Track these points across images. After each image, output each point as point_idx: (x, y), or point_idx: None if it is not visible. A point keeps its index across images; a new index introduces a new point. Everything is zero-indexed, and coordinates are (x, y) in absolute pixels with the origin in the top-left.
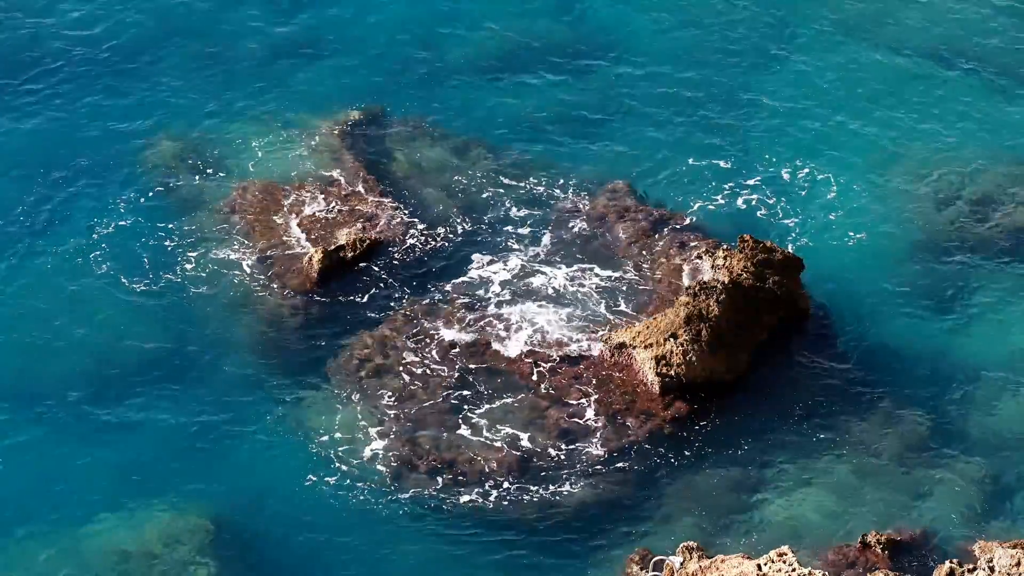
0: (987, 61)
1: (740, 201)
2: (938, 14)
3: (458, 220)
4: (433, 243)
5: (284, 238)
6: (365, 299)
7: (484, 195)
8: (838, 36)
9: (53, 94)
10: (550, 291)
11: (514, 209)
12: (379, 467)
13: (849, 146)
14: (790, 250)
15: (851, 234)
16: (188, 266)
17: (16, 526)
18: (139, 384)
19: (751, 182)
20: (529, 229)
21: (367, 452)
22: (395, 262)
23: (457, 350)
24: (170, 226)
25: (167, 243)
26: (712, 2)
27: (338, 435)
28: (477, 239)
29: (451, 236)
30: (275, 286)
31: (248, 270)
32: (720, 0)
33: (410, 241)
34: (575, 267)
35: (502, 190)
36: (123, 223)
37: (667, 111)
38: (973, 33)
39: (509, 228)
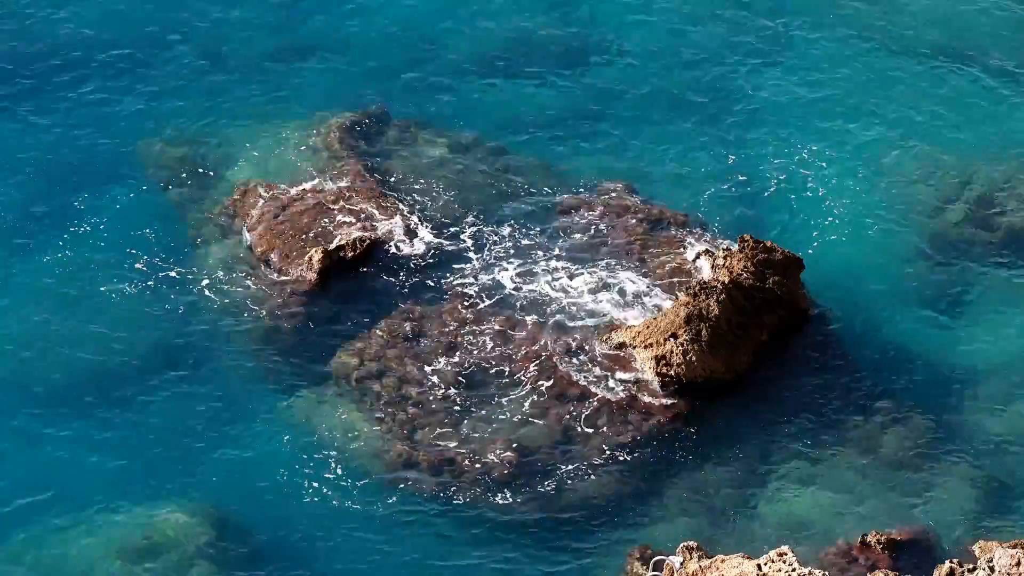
0: (989, 61)
1: (740, 201)
2: (941, 14)
3: (458, 220)
4: (433, 243)
5: (283, 238)
6: (365, 299)
7: (484, 195)
8: (840, 36)
9: (50, 94)
10: (548, 290)
11: (514, 209)
12: (378, 466)
13: (850, 146)
14: (790, 250)
15: (852, 233)
16: (186, 267)
17: (14, 526)
18: (137, 384)
19: (751, 182)
20: (529, 229)
21: (366, 451)
22: (395, 262)
23: (456, 350)
24: (168, 227)
25: (165, 244)
26: (713, 1)
27: (337, 434)
28: (477, 239)
29: (451, 236)
30: (274, 286)
31: (247, 270)
32: None
33: (410, 241)
34: (574, 267)
35: (503, 189)
36: (121, 223)
37: (667, 110)
38: (976, 33)
39: (509, 228)
